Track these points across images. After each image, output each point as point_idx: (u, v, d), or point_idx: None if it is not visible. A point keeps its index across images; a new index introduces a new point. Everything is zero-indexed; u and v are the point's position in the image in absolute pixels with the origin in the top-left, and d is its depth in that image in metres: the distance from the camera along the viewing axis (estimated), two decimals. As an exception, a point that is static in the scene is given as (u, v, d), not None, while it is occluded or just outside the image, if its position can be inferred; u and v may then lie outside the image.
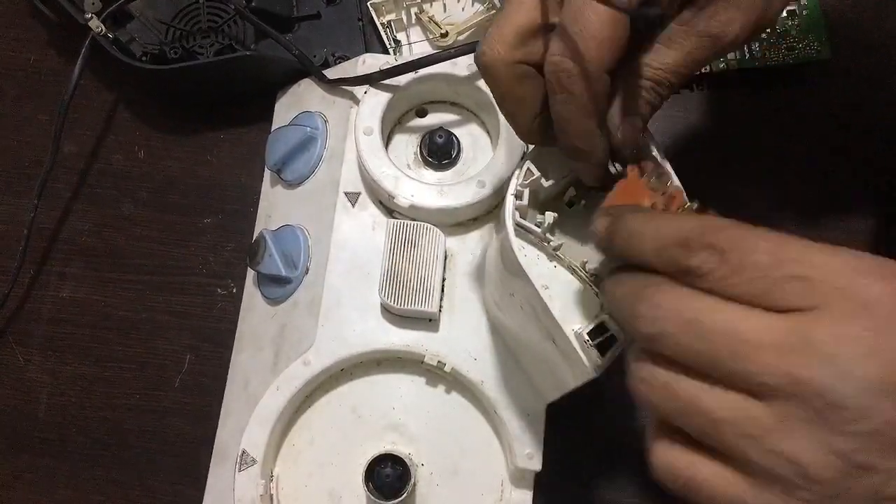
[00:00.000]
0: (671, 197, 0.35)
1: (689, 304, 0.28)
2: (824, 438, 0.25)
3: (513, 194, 0.39)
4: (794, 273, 0.26)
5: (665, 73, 0.35)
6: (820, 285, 0.26)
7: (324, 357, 0.47)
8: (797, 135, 0.61)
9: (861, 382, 0.25)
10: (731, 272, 0.27)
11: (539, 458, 0.46)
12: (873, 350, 0.25)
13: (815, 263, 0.26)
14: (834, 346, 0.25)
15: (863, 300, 0.25)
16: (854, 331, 0.25)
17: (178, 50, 0.57)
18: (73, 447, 0.56)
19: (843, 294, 0.25)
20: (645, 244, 0.30)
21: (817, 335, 0.25)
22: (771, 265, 0.27)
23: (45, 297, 0.59)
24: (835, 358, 0.25)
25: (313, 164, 0.52)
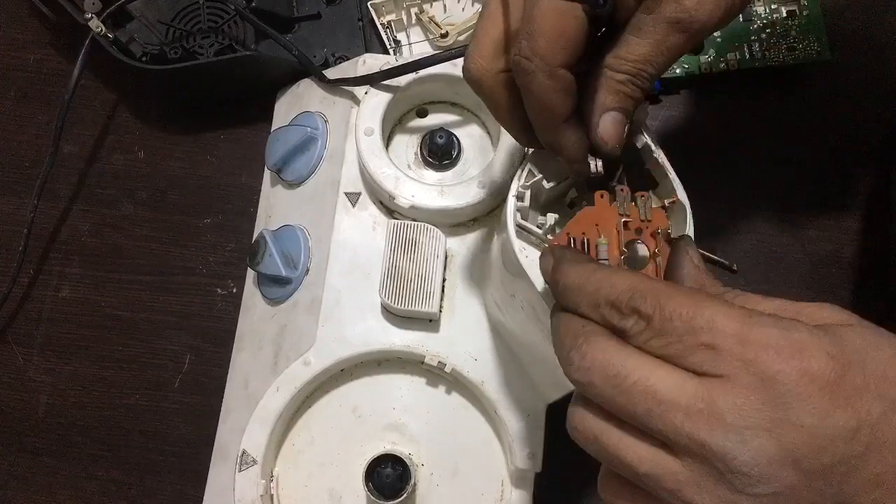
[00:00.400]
0: (646, 221, 0.35)
1: (614, 360, 0.29)
2: (729, 497, 0.27)
3: (514, 196, 0.39)
4: (704, 341, 0.27)
5: (640, 64, 0.35)
6: (726, 355, 0.27)
7: (324, 357, 0.47)
8: (797, 135, 0.61)
9: (758, 452, 0.26)
10: (654, 335, 0.28)
11: (539, 459, 0.47)
12: (770, 423, 0.26)
13: (726, 333, 0.27)
14: (733, 415, 0.26)
15: (764, 375, 0.26)
16: (752, 403, 0.26)
17: (178, 50, 0.57)
18: (73, 447, 0.56)
19: (747, 367, 0.27)
20: (580, 299, 0.31)
21: (720, 403, 0.26)
22: (685, 332, 0.28)
23: (44, 297, 0.59)
24: (733, 427, 0.26)
25: (313, 165, 0.52)
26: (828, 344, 0.27)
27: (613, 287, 0.30)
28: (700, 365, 0.27)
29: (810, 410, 0.26)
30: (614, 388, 0.28)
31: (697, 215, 0.38)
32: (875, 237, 0.58)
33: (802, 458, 0.26)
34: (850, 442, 0.26)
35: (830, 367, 0.26)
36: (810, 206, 0.59)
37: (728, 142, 0.61)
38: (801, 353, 0.26)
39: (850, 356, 0.27)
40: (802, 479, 0.26)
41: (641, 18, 0.34)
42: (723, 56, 0.60)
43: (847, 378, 0.26)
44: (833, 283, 0.58)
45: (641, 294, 0.29)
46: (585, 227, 0.35)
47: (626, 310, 0.29)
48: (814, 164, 0.60)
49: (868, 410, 0.26)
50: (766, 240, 0.59)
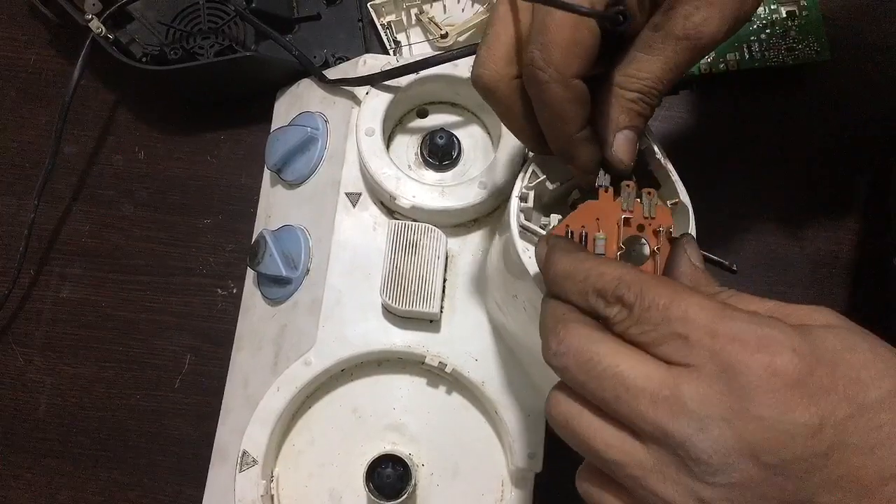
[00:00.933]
0: (650, 219, 0.35)
1: (588, 346, 0.29)
2: (690, 485, 0.27)
3: (517, 196, 0.39)
4: (677, 331, 0.28)
5: (651, 82, 0.35)
6: (696, 345, 0.27)
7: (324, 357, 0.47)
8: (797, 135, 0.61)
9: (717, 441, 0.27)
10: (633, 323, 0.29)
11: (540, 459, 0.47)
12: (731, 414, 0.27)
13: (698, 325, 0.28)
14: (696, 404, 0.27)
15: (728, 366, 0.27)
16: (715, 393, 0.27)
17: (178, 51, 0.56)
18: (73, 447, 0.56)
19: (714, 358, 0.27)
20: (569, 287, 0.31)
21: (684, 391, 0.27)
22: (661, 321, 0.28)
23: (45, 298, 0.59)
24: (694, 415, 0.27)
25: (314, 165, 0.52)
26: (797, 341, 0.27)
27: (601, 276, 0.30)
28: (671, 354, 0.28)
29: (771, 404, 0.26)
30: (586, 374, 0.29)
31: (697, 215, 0.38)
32: (875, 237, 0.58)
33: (761, 452, 0.26)
34: (811, 440, 0.26)
35: (795, 364, 0.27)
36: (810, 206, 0.60)
37: (728, 142, 0.61)
38: (767, 347, 0.27)
39: (820, 356, 0.27)
40: (761, 472, 0.26)
41: (650, 36, 0.34)
42: (722, 56, 0.60)
43: (813, 377, 0.27)
44: (833, 284, 0.58)
45: (627, 284, 0.29)
46: (586, 221, 0.35)
47: (611, 298, 0.29)
48: (813, 164, 0.60)
49: (833, 411, 0.26)
50: (766, 240, 0.59)
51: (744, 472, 0.27)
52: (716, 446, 0.27)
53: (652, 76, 0.35)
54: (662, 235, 0.34)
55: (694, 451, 0.27)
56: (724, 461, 0.27)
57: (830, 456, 0.26)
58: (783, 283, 0.58)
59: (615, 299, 0.29)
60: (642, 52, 0.35)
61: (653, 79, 0.35)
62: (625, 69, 0.35)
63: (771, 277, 0.58)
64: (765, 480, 0.27)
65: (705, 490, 0.27)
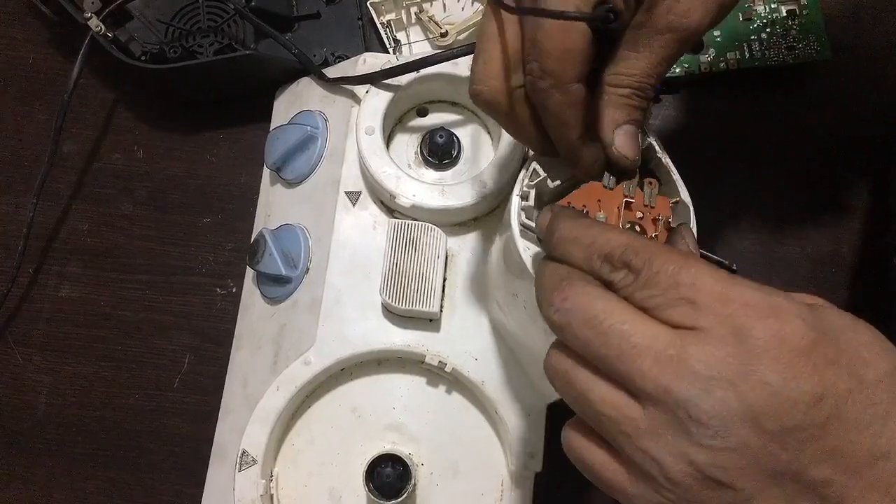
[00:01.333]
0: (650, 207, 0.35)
1: (594, 303, 0.29)
2: (683, 447, 0.27)
3: (518, 195, 0.38)
4: (685, 296, 0.28)
5: (641, 78, 0.35)
6: (705, 309, 0.28)
7: (324, 357, 0.47)
8: (797, 134, 0.61)
9: (720, 403, 0.27)
10: (639, 288, 0.29)
11: (540, 458, 0.47)
12: (736, 377, 0.27)
13: (707, 291, 0.28)
14: (702, 365, 0.27)
15: (738, 330, 0.27)
16: (722, 355, 0.27)
17: (177, 49, 0.56)
18: (73, 447, 0.56)
19: (723, 321, 0.27)
20: (575, 252, 0.31)
21: (691, 352, 0.27)
22: (669, 286, 0.29)
23: (44, 297, 0.59)
24: (699, 376, 0.27)
25: (313, 164, 0.52)
26: (805, 313, 0.28)
27: (609, 242, 0.30)
28: (678, 318, 0.28)
29: (777, 370, 0.27)
30: (591, 330, 0.29)
31: (697, 214, 0.38)
32: (875, 237, 0.58)
33: (762, 417, 0.27)
34: (812, 408, 0.26)
35: (803, 333, 0.27)
36: (810, 206, 0.60)
37: (728, 142, 0.61)
38: (777, 314, 0.27)
39: (825, 329, 0.28)
40: (759, 438, 0.27)
41: (636, 33, 0.35)
42: (723, 56, 0.60)
43: (819, 347, 0.27)
44: (833, 283, 0.58)
45: (634, 250, 0.30)
46: (588, 201, 0.35)
47: (618, 263, 0.30)
48: (813, 164, 0.60)
49: (835, 383, 0.27)
50: (766, 240, 0.59)
51: (741, 436, 0.27)
52: (718, 408, 0.27)
53: (641, 72, 0.35)
54: (661, 224, 0.35)
55: (695, 411, 0.27)
56: (723, 424, 0.27)
57: (827, 427, 0.27)
58: (783, 283, 0.58)
59: (622, 264, 0.30)
60: (630, 50, 0.35)
61: (642, 75, 0.35)
62: (614, 68, 0.35)
63: (771, 277, 0.58)
64: (760, 447, 0.27)
65: (699, 453, 0.27)
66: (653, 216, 0.35)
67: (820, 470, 0.27)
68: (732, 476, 0.27)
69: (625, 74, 0.35)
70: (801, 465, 0.27)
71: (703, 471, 0.27)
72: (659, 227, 0.35)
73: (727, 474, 0.27)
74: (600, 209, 0.35)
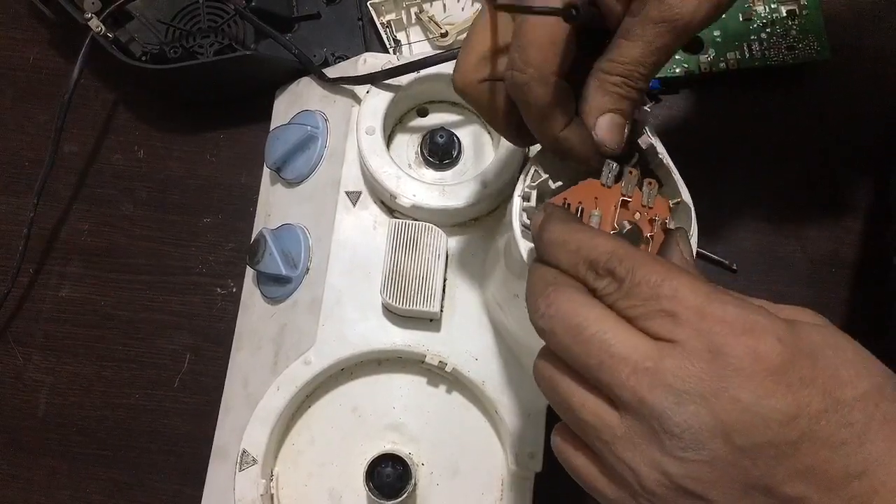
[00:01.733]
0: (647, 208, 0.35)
1: (579, 311, 0.30)
2: (657, 458, 0.28)
3: (520, 195, 0.39)
4: (665, 308, 0.28)
5: (631, 66, 0.35)
6: (683, 323, 0.28)
7: (324, 356, 0.47)
8: (797, 134, 0.61)
9: (692, 417, 0.27)
10: (622, 297, 0.29)
11: (540, 459, 0.47)
12: (709, 392, 0.27)
13: (687, 304, 0.28)
14: (676, 379, 0.27)
15: (713, 346, 0.27)
16: (696, 371, 0.27)
17: (177, 50, 0.56)
18: (73, 447, 0.56)
19: (700, 336, 0.28)
20: (562, 256, 0.32)
21: (667, 365, 0.28)
22: (650, 297, 0.29)
23: (44, 297, 0.59)
24: (673, 389, 0.27)
25: (314, 163, 0.52)
26: (782, 330, 0.28)
27: (594, 248, 0.30)
28: (657, 329, 0.28)
29: (750, 388, 0.27)
30: (573, 338, 0.29)
31: (697, 214, 0.38)
32: (875, 237, 0.58)
33: (733, 433, 0.27)
34: (784, 427, 0.27)
35: (778, 352, 0.27)
36: (810, 206, 0.60)
37: (728, 142, 0.61)
38: (752, 332, 0.27)
39: (803, 348, 0.28)
40: (730, 453, 0.27)
41: (628, 22, 0.35)
42: (722, 56, 0.60)
43: (794, 366, 0.27)
44: (833, 283, 0.58)
45: (619, 258, 0.30)
46: (584, 198, 0.35)
47: (602, 270, 0.30)
48: (813, 164, 0.60)
49: (809, 402, 0.27)
50: (766, 240, 0.59)
51: (713, 450, 0.27)
52: (690, 422, 0.27)
53: (632, 60, 0.35)
54: (657, 225, 0.34)
55: (668, 423, 0.27)
56: (695, 437, 0.27)
57: (800, 446, 0.27)
58: (783, 283, 0.58)
59: (606, 272, 0.30)
60: (623, 38, 0.35)
61: (633, 63, 0.35)
62: (607, 56, 0.35)
63: (771, 277, 0.58)
64: (732, 462, 0.27)
65: (671, 464, 0.27)
66: (650, 217, 0.35)
67: (794, 486, 0.27)
68: (704, 488, 0.27)
69: (616, 62, 0.35)
70: (774, 481, 0.27)
71: (676, 481, 0.28)
72: (655, 228, 0.35)
73: (699, 486, 0.27)
74: (596, 207, 0.35)
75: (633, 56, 0.35)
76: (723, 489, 0.27)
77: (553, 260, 0.32)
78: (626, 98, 0.36)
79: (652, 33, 0.34)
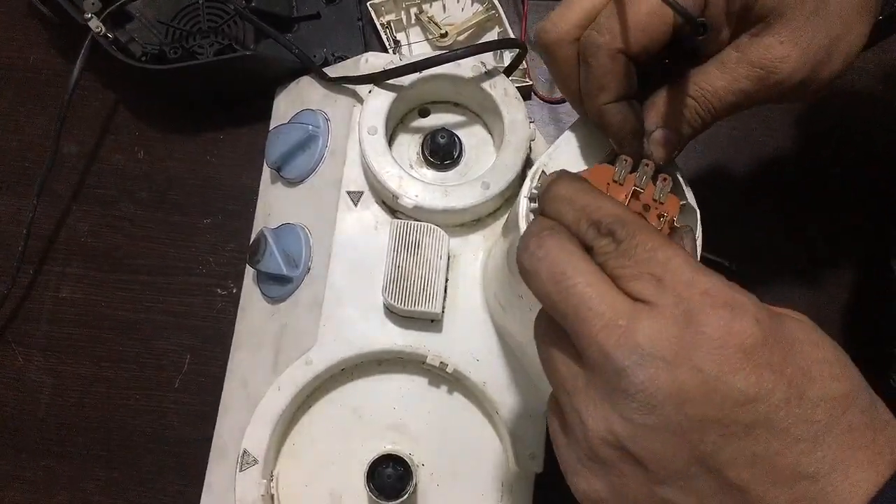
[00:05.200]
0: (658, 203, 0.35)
1: (567, 259, 0.30)
2: (608, 414, 0.28)
3: (527, 197, 0.39)
4: (654, 272, 0.28)
5: (710, 96, 0.36)
6: (666, 288, 0.28)
7: (325, 357, 0.47)
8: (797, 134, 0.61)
9: (650, 379, 0.27)
10: (616, 255, 0.30)
11: (541, 460, 0.47)
12: (674, 357, 0.27)
13: (676, 272, 0.28)
14: (645, 339, 0.27)
15: (690, 314, 0.27)
16: (667, 335, 0.27)
17: (177, 50, 0.56)
18: (73, 447, 0.56)
19: (679, 303, 0.28)
20: (566, 211, 0.32)
21: (639, 326, 0.28)
22: (643, 260, 0.29)
23: (44, 297, 0.59)
24: (639, 349, 0.27)
25: (314, 163, 0.52)
26: (762, 314, 0.27)
27: (601, 209, 0.31)
28: (640, 290, 0.28)
29: (715, 360, 0.27)
30: (554, 284, 0.29)
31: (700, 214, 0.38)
32: (875, 237, 0.58)
33: (687, 401, 0.27)
34: (739, 408, 0.26)
35: (751, 332, 0.27)
36: (810, 206, 0.60)
37: (728, 141, 0.61)
38: (731, 308, 0.27)
39: (780, 337, 0.27)
40: (681, 422, 0.27)
41: (729, 54, 0.36)
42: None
43: (764, 350, 0.27)
44: (833, 283, 0.58)
45: (622, 222, 0.30)
46: (598, 181, 0.35)
47: (604, 230, 0.30)
48: (814, 164, 0.60)
49: (772, 390, 0.26)
50: (766, 240, 0.59)
51: (664, 416, 0.27)
52: (647, 383, 0.27)
53: (713, 91, 0.36)
54: (665, 222, 0.34)
55: (625, 382, 0.27)
56: (649, 400, 0.27)
57: (752, 431, 0.26)
58: (783, 282, 0.58)
59: (608, 231, 0.30)
60: (715, 66, 0.36)
61: (713, 93, 0.36)
62: (693, 76, 0.36)
63: (771, 277, 0.58)
64: (680, 431, 0.27)
65: (619, 424, 0.28)
66: (659, 212, 0.35)
67: (738, 472, 0.27)
68: (646, 454, 0.27)
69: (699, 86, 0.36)
70: (719, 462, 0.27)
71: (621, 442, 0.28)
72: (663, 224, 0.35)
73: (641, 451, 0.27)
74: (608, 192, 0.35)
75: (716, 87, 0.36)
76: (666, 459, 0.27)
77: (556, 214, 0.32)
78: (689, 125, 0.36)
79: (743, 72, 0.35)
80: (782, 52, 0.35)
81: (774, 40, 0.35)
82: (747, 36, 0.36)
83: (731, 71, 0.35)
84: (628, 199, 0.34)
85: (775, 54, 0.35)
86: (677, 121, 0.36)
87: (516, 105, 0.49)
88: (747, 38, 0.36)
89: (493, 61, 0.58)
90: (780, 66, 0.35)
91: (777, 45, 0.35)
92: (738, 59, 0.35)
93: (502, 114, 0.48)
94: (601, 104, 0.36)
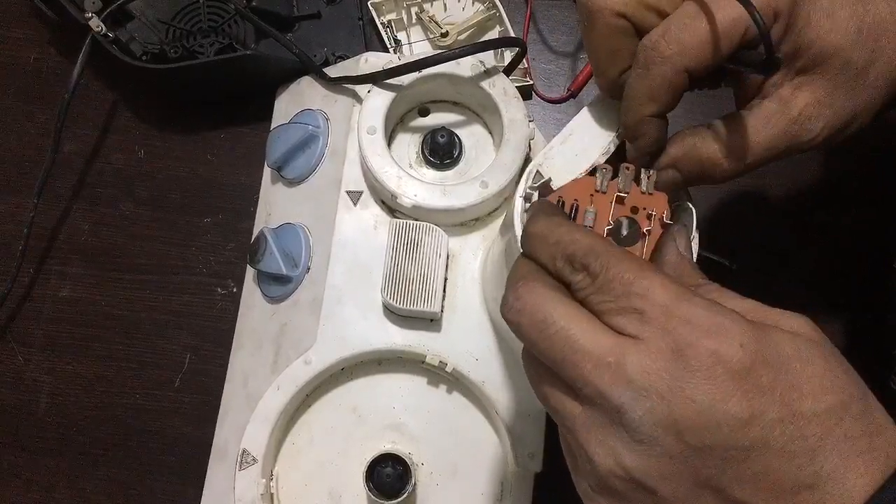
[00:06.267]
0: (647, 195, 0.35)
1: (544, 306, 0.30)
2: (614, 449, 0.28)
3: (522, 196, 0.39)
4: (635, 306, 0.29)
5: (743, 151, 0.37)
6: (650, 321, 0.28)
7: (325, 356, 0.47)
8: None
9: (648, 413, 0.28)
10: (594, 292, 0.30)
11: (540, 459, 0.47)
12: (667, 390, 0.27)
13: (656, 303, 0.29)
14: (637, 374, 0.28)
15: (676, 346, 0.28)
16: (657, 368, 0.28)
17: (178, 49, 0.56)
18: (73, 447, 0.56)
19: (664, 335, 0.28)
20: (542, 250, 0.32)
21: (629, 361, 0.28)
22: (622, 293, 0.29)
23: (44, 297, 0.59)
24: (633, 385, 0.28)
25: (314, 163, 0.52)
26: (747, 336, 0.28)
27: (573, 242, 0.31)
28: (624, 326, 0.29)
29: (706, 389, 0.27)
30: (539, 333, 0.30)
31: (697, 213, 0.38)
32: (875, 237, 0.58)
33: (685, 431, 0.27)
34: (736, 432, 0.27)
35: (738, 357, 0.27)
36: (811, 206, 0.60)
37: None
38: (716, 335, 0.28)
39: (767, 357, 0.28)
40: (682, 451, 0.27)
41: (769, 107, 0.36)
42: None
43: (753, 373, 0.27)
44: (833, 283, 0.58)
45: (595, 254, 0.30)
46: (580, 194, 0.35)
47: (578, 265, 0.30)
48: (814, 164, 0.60)
49: (764, 411, 0.27)
50: (766, 239, 0.59)
51: (666, 446, 0.27)
52: (646, 417, 0.27)
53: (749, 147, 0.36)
54: (654, 220, 0.34)
55: (625, 417, 0.28)
56: (650, 433, 0.27)
57: (751, 452, 0.27)
58: (783, 282, 0.58)
59: (581, 266, 0.30)
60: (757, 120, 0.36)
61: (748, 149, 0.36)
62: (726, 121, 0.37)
63: (771, 277, 0.58)
64: (683, 459, 0.27)
65: (627, 456, 0.28)
66: (647, 211, 0.34)
67: (742, 490, 0.27)
68: (656, 482, 0.28)
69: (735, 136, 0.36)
70: (723, 483, 0.27)
71: (630, 473, 0.28)
72: (653, 223, 0.34)
73: (651, 480, 0.28)
74: (591, 203, 0.35)
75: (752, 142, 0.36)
76: (673, 485, 0.28)
77: (534, 253, 0.32)
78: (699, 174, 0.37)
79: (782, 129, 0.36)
80: (817, 111, 0.35)
81: (813, 98, 0.35)
82: (790, 88, 0.36)
83: (774, 126, 0.35)
84: (613, 205, 0.34)
85: (811, 112, 0.35)
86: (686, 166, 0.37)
87: (516, 104, 0.49)
88: (789, 91, 0.36)
89: (494, 61, 0.58)
90: (812, 126, 0.35)
91: (814, 103, 0.35)
92: (780, 114, 0.35)
93: (502, 113, 0.48)
94: (646, 114, 0.36)
